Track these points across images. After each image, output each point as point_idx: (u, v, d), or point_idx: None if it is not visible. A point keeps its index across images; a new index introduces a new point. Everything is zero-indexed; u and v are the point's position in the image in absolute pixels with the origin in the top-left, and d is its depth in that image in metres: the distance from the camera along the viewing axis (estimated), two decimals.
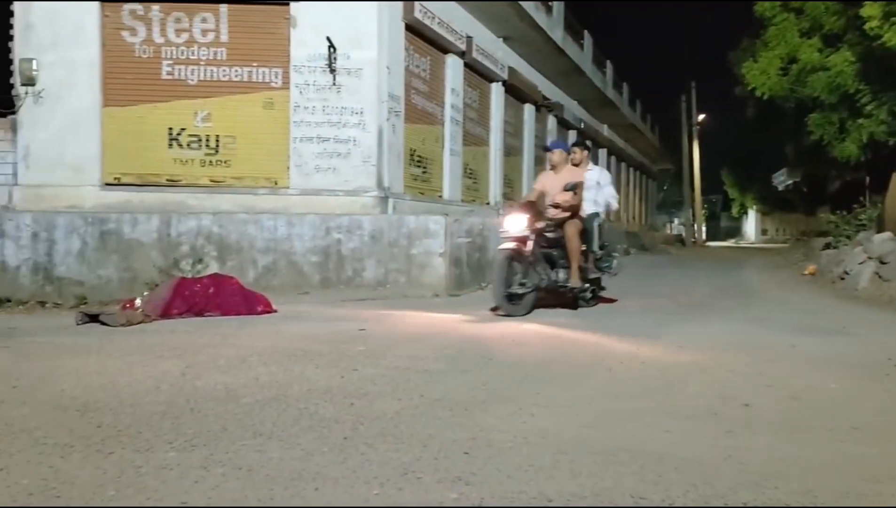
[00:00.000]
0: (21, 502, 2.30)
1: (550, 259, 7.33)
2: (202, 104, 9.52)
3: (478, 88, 13.37)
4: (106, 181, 9.42)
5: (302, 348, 5.01)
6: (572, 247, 7.25)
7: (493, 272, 7.14)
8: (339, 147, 9.53)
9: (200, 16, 9.47)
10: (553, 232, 7.35)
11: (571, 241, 7.24)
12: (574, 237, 7.25)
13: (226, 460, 2.71)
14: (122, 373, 4.18)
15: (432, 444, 2.93)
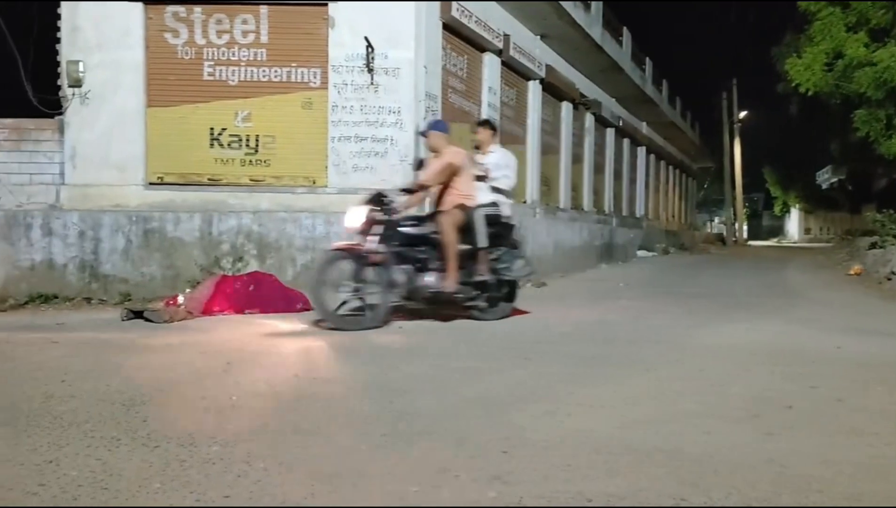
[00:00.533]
0: (71, 493, 2.37)
1: (414, 259, 6.23)
2: (242, 104, 9.65)
3: (515, 87, 13.33)
4: (149, 181, 9.60)
5: (342, 344, 5.06)
6: (446, 243, 6.15)
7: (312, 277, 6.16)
8: (377, 146, 9.58)
9: (241, 17, 9.61)
10: (415, 226, 6.31)
11: (445, 236, 6.14)
12: (449, 231, 6.16)
13: (267, 455, 2.76)
14: (166, 369, 4.27)
15: (468, 443, 2.94)
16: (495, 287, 6.61)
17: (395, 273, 6.09)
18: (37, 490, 2.39)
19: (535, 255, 11.07)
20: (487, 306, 6.54)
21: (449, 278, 6.16)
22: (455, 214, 6.29)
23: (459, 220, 6.28)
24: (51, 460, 2.68)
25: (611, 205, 20.49)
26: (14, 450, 2.78)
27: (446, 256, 6.18)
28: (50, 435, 2.97)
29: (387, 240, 6.09)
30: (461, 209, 6.33)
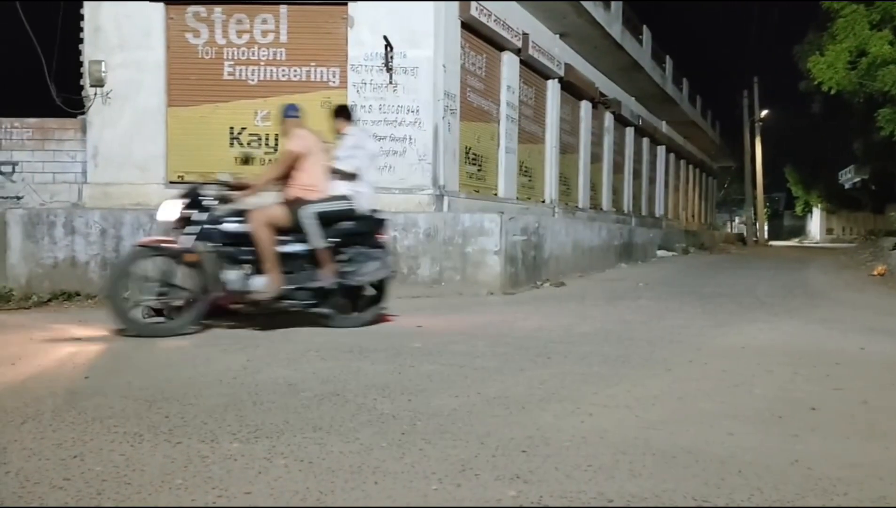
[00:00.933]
0: (95, 488, 2.39)
1: (241, 260, 5.65)
2: (262, 104, 9.70)
3: (534, 86, 13.29)
4: (170, 179, 9.68)
5: (358, 343, 5.07)
6: (260, 242, 5.57)
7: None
8: (396, 145, 9.59)
9: (261, 17, 9.66)
10: (241, 223, 5.64)
11: (257, 235, 5.57)
12: (260, 230, 5.56)
13: (288, 452, 2.76)
14: (187, 366, 4.30)
15: (490, 441, 2.94)
16: (348, 292, 5.95)
17: (213, 275, 5.52)
18: (62, 485, 2.41)
19: (554, 254, 11.03)
20: (338, 313, 5.91)
21: (270, 282, 5.57)
22: (270, 211, 5.67)
23: (275, 216, 5.65)
24: (75, 455, 2.70)
25: (630, 204, 20.37)
26: (40, 444, 2.81)
27: (263, 257, 5.59)
28: (74, 430, 3.00)
29: (206, 238, 5.55)
30: (296, 204, 5.72)
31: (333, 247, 5.83)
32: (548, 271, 10.57)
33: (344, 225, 5.91)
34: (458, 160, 10.31)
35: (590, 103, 16.28)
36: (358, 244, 5.96)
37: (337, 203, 5.90)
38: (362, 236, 6.00)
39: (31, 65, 9.62)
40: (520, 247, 9.46)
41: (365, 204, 6.10)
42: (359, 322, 5.96)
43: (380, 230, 6.15)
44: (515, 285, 9.07)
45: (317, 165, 5.93)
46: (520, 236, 9.46)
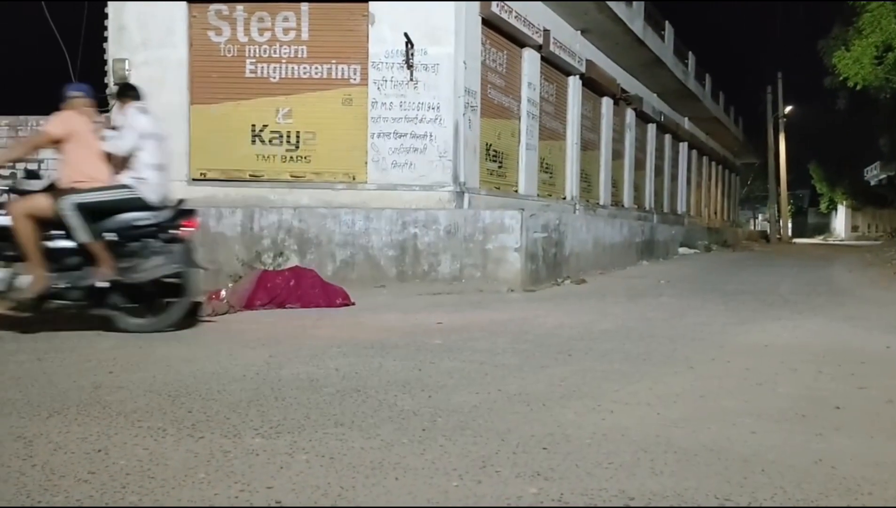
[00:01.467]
0: (119, 481, 2.42)
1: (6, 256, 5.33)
2: (284, 101, 9.77)
3: (555, 82, 13.24)
4: (193, 177, 9.77)
5: (380, 339, 5.09)
6: (18, 235, 5.14)
7: None
8: (416, 142, 9.61)
9: (282, 14, 9.71)
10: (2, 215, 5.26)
11: (15, 227, 5.15)
12: (19, 222, 5.13)
13: (309, 447, 2.78)
14: (210, 361, 4.34)
15: (510, 438, 2.93)
16: (133, 291, 5.42)
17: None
18: (87, 478, 2.45)
19: (575, 251, 10.99)
20: (127, 314, 5.43)
21: (34, 281, 5.19)
22: (31, 201, 5.22)
23: (36, 208, 5.18)
24: (100, 448, 2.74)
25: (652, 201, 20.24)
26: (65, 438, 2.85)
27: (25, 253, 5.19)
28: (99, 425, 3.03)
29: None
30: (63, 194, 5.26)
31: (115, 241, 5.37)
32: (568, 268, 10.54)
33: (124, 217, 5.39)
34: (478, 157, 10.30)
35: (611, 100, 16.19)
36: (150, 237, 5.44)
37: (108, 193, 5.37)
38: (152, 228, 5.45)
39: (56, 64, 9.76)
40: (540, 244, 9.43)
41: (152, 193, 5.50)
42: (158, 325, 5.40)
43: (176, 222, 5.54)
44: (536, 282, 9.05)
45: (86, 150, 5.41)
46: (540, 233, 9.44)
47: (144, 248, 5.42)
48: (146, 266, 5.38)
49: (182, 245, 5.53)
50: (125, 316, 5.43)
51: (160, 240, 5.45)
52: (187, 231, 5.59)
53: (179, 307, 5.52)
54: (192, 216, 5.68)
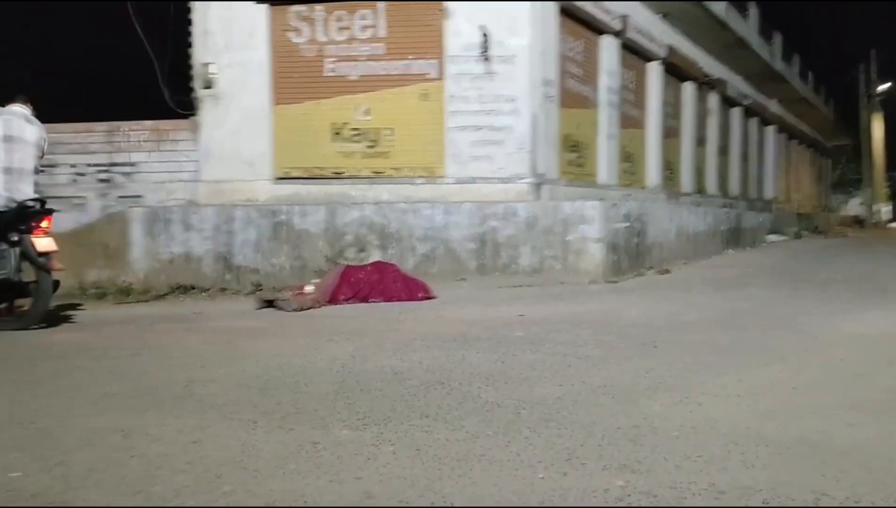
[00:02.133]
0: (213, 472, 2.52)
1: None
2: (363, 99, 9.90)
3: (634, 69, 12.94)
4: (277, 175, 10.03)
5: (462, 332, 5.12)
6: None
7: None
8: (494, 135, 9.57)
9: (360, 13, 9.84)
10: None
11: None
12: None
13: (396, 439, 2.83)
14: (297, 355, 4.47)
15: (596, 430, 2.90)
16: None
17: None
18: (184, 468, 2.56)
19: (657, 241, 10.74)
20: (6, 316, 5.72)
21: None
22: None
23: None
24: (195, 440, 2.86)
25: (738, 188, 19.55)
26: (162, 430, 2.99)
27: None
28: (193, 417, 3.17)
29: None
30: None
31: None
32: (651, 258, 10.30)
33: None
34: (557, 148, 10.19)
35: (694, 84, 15.71)
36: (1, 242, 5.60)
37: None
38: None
39: (145, 69, 10.19)
40: (622, 234, 9.26)
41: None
42: (14, 325, 5.58)
43: (19, 224, 5.63)
44: (618, 274, 8.90)
45: None
46: (622, 223, 9.26)
47: None
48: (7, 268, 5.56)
49: (16, 249, 5.62)
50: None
51: (3, 244, 5.60)
52: (24, 236, 5.63)
53: (34, 309, 5.67)
54: (42, 217, 5.75)
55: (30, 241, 5.60)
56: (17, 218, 5.65)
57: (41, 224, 5.74)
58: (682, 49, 14.69)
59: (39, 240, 5.65)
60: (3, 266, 5.56)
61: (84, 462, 2.61)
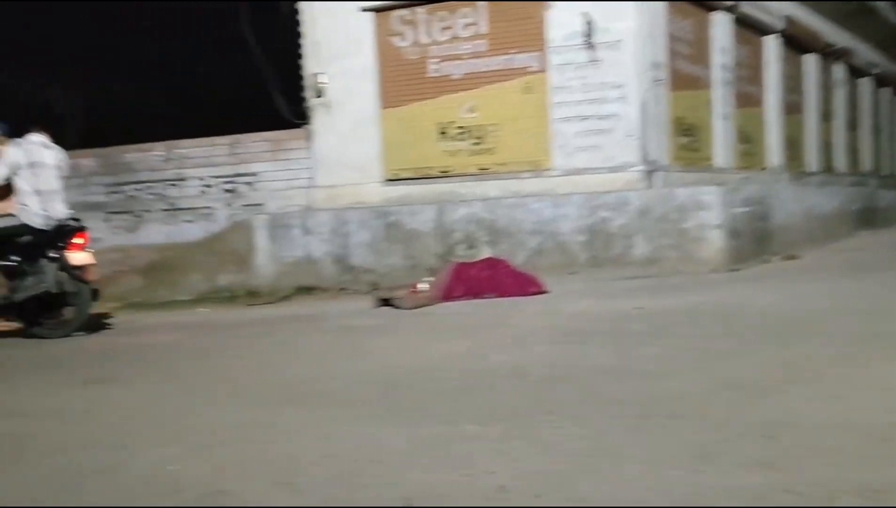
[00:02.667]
0: (350, 465, 2.61)
1: None
2: (467, 97, 9.94)
3: (750, 44, 12.32)
4: (386, 177, 10.24)
5: (579, 327, 5.06)
6: None
7: None
8: (601, 124, 9.38)
9: (461, 11, 9.89)
10: None
11: None
12: None
13: (523, 434, 2.83)
14: (417, 351, 4.56)
15: (729, 426, 2.80)
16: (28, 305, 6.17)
17: None
18: (321, 462, 2.66)
19: (782, 225, 10.20)
20: (43, 326, 6.26)
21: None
22: None
23: None
24: (328, 435, 2.97)
25: (869, 164, 18.26)
26: (299, 424, 3.13)
27: None
28: (326, 412, 3.29)
29: None
30: None
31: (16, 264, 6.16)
32: (776, 243, 9.80)
33: (21, 241, 6.18)
34: (668, 133, 9.86)
35: (816, 56, 14.79)
36: (40, 257, 6.15)
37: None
38: (38, 249, 6.17)
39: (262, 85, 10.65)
40: (743, 219, 8.85)
41: (35, 217, 6.18)
42: (57, 334, 6.14)
43: (57, 242, 6.20)
44: (740, 261, 8.52)
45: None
46: (742, 208, 8.86)
47: (23, 270, 6.16)
48: (23, 285, 6.13)
49: (55, 264, 6.14)
50: (36, 325, 6.25)
51: (44, 260, 6.14)
52: (74, 247, 6.23)
53: (75, 317, 6.26)
54: (76, 234, 6.31)
55: (66, 256, 6.21)
56: (55, 236, 6.29)
57: (76, 240, 6.34)
58: (801, 20, 13.86)
59: (75, 254, 6.25)
60: (44, 280, 6.13)
61: (234, 454, 2.78)
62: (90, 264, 6.39)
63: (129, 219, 10.79)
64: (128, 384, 4.15)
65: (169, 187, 10.93)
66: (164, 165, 10.95)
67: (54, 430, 3.28)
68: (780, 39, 13.06)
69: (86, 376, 4.45)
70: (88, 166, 11.34)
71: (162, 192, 10.96)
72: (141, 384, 4.12)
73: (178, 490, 2.46)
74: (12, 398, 3.99)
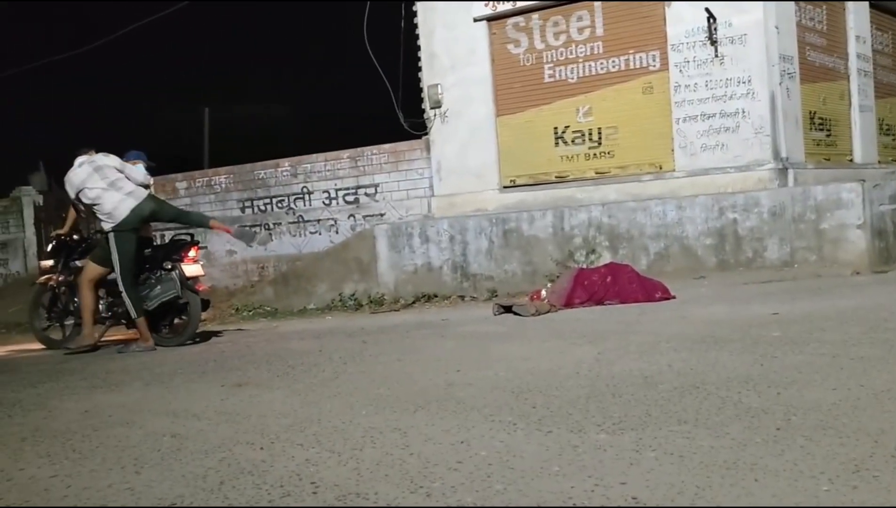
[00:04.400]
0: (483, 471, 2.63)
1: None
2: (583, 100, 9.85)
3: (890, 30, 11.51)
4: (504, 184, 10.30)
5: (710, 333, 4.87)
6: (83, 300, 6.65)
7: None
8: (726, 121, 9.04)
9: (576, 14, 9.81)
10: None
11: (82, 293, 6.67)
12: (85, 289, 6.61)
13: (655, 444, 2.76)
14: (543, 358, 4.53)
15: (886, 440, 2.61)
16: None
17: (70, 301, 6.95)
18: (456, 467, 2.70)
19: None
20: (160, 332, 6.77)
21: (87, 335, 6.71)
22: (91, 270, 6.68)
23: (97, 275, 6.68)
24: (462, 440, 3.01)
25: None
26: (432, 430, 3.19)
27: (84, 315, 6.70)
28: (457, 418, 3.34)
29: (66, 270, 6.96)
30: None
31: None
32: None
33: (145, 253, 6.82)
34: (801, 128, 9.35)
35: None
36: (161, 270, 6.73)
37: None
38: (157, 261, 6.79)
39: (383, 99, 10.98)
40: (889, 218, 8.24)
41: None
42: (176, 341, 6.65)
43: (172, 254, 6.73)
44: (888, 262, 7.93)
45: None
46: (888, 205, 8.24)
47: (148, 278, 6.68)
48: (152, 294, 6.58)
49: (176, 272, 6.60)
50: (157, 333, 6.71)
51: (163, 271, 6.67)
52: (188, 260, 6.68)
53: (188, 326, 6.73)
54: (190, 247, 6.78)
55: (180, 268, 6.61)
56: (170, 249, 6.82)
57: (189, 253, 6.75)
58: None
59: (188, 267, 6.65)
60: (172, 287, 6.57)
61: (371, 458, 2.87)
62: (201, 275, 6.89)
63: (262, 232, 11.39)
64: (269, 388, 4.37)
65: (296, 200, 11.46)
66: (291, 180, 11.49)
67: (207, 430, 3.51)
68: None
69: (231, 380, 4.72)
70: (223, 183, 12.08)
71: (290, 205, 11.50)
72: (281, 389, 4.33)
73: (316, 492, 2.57)
74: (164, 400, 4.30)
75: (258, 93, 12.39)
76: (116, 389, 4.80)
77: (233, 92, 12.25)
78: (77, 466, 3.09)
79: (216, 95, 12.58)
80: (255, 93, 12.58)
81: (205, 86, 12.30)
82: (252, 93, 12.60)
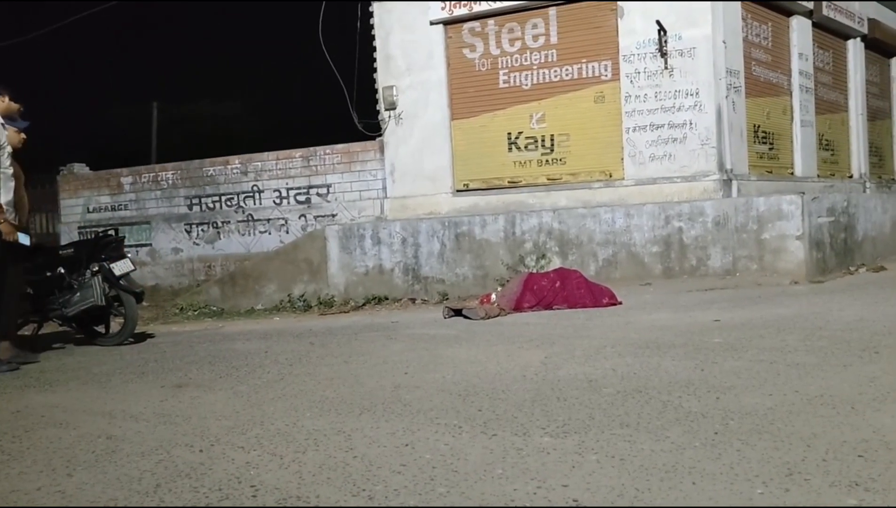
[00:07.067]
0: (427, 474, 2.63)
1: None
2: (536, 107, 9.93)
3: (831, 49, 11.91)
4: (457, 188, 10.31)
5: (654, 339, 4.96)
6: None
7: None
8: (674, 132, 9.22)
9: (531, 22, 9.89)
10: None
11: None
12: None
13: (598, 447, 2.80)
14: (491, 362, 4.55)
15: (817, 444, 2.69)
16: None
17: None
18: (400, 469, 2.70)
19: (869, 235, 9.79)
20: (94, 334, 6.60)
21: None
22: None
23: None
24: (407, 443, 3.00)
25: None
26: (377, 433, 3.17)
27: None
28: (402, 421, 3.33)
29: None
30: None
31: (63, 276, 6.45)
32: (862, 254, 9.40)
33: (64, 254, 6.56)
34: (745, 140, 9.61)
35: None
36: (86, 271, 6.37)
37: None
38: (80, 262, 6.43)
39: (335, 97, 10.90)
40: (826, 229, 8.53)
41: None
42: (112, 341, 6.45)
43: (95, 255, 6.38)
44: (824, 273, 8.20)
45: None
46: (825, 218, 8.53)
47: (70, 283, 6.30)
48: (72, 300, 6.27)
49: (99, 277, 6.27)
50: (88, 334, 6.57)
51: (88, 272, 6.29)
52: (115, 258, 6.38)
53: (125, 325, 6.46)
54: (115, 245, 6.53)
55: (108, 268, 6.29)
56: (95, 249, 6.46)
57: (117, 250, 6.52)
58: (886, 21, 13.31)
59: (116, 265, 6.34)
60: (92, 295, 6.25)
61: (314, 461, 2.84)
62: (131, 270, 6.56)
63: (210, 230, 11.18)
64: (211, 390, 4.29)
65: (246, 199, 11.28)
66: (241, 178, 11.31)
67: (144, 432, 3.42)
68: (862, 43, 12.59)
69: (171, 380, 4.62)
70: (170, 179, 11.82)
71: (240, 203, 11.32)
72: (223, 390, 4.25)
73: (255, 495, 2.53)
74: (101, 401, 4.18)
75: (210, 90, 12.22)
76: (50, 389, 4.65)
77: (184, 89, 12.04)
78: (5, 468, 2.99)
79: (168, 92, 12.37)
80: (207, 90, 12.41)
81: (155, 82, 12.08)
82: (205, 90, 12.42)
